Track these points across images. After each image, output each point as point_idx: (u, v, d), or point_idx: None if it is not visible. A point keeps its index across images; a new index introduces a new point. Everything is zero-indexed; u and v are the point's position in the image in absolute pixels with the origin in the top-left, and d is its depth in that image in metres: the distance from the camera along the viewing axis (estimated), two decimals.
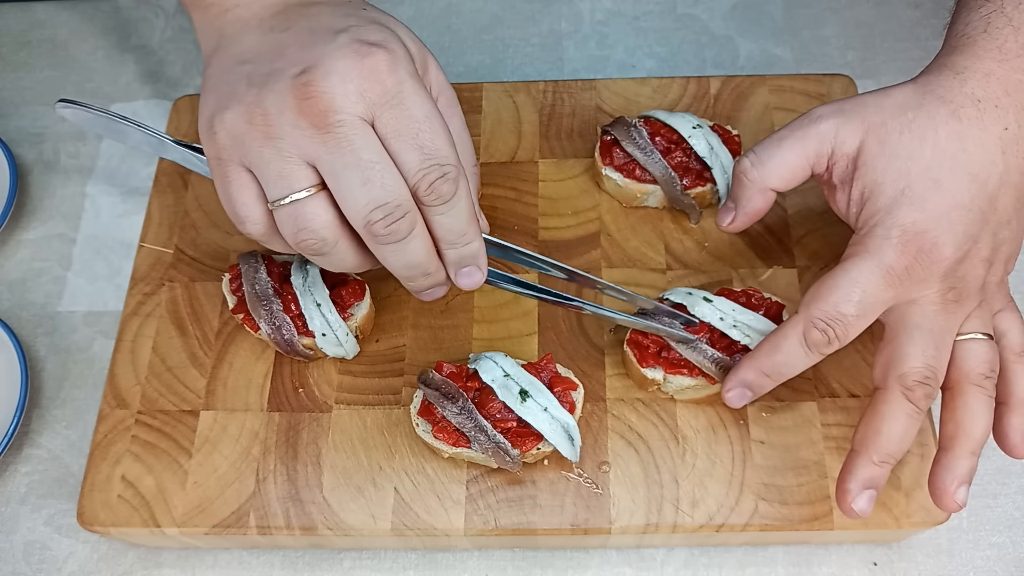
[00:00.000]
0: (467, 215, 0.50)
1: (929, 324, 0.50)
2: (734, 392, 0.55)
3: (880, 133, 0.51)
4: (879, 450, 0.50)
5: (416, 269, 0.51)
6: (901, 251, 0.49)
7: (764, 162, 0.55)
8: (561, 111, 0.73)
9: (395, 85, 0.47)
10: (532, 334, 0.64)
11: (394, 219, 0.47)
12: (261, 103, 0.47)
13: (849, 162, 0.53)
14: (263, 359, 0.64)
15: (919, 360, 0.50)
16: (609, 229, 0.68)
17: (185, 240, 0.69)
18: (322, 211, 0.48)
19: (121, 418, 0.62)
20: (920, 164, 0.50)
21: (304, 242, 0.49)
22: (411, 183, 0.47)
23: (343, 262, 0.51)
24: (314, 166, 0.47)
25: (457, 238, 0.51)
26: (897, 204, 0.50)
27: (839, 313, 0.50)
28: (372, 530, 0.58)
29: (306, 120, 0.46)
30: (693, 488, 0.58)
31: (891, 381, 0.50)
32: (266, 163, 0.47)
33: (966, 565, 0.61)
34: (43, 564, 0.64)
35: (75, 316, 0.73)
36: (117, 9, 0.89)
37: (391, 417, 0.61)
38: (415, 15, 0.88)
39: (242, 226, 0.50)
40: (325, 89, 0.46)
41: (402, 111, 0.47)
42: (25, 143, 0.81)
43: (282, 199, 0.47)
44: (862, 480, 0.51)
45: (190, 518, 0.59)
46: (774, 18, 0.85)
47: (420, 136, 0.47)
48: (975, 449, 0.50)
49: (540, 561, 0.62)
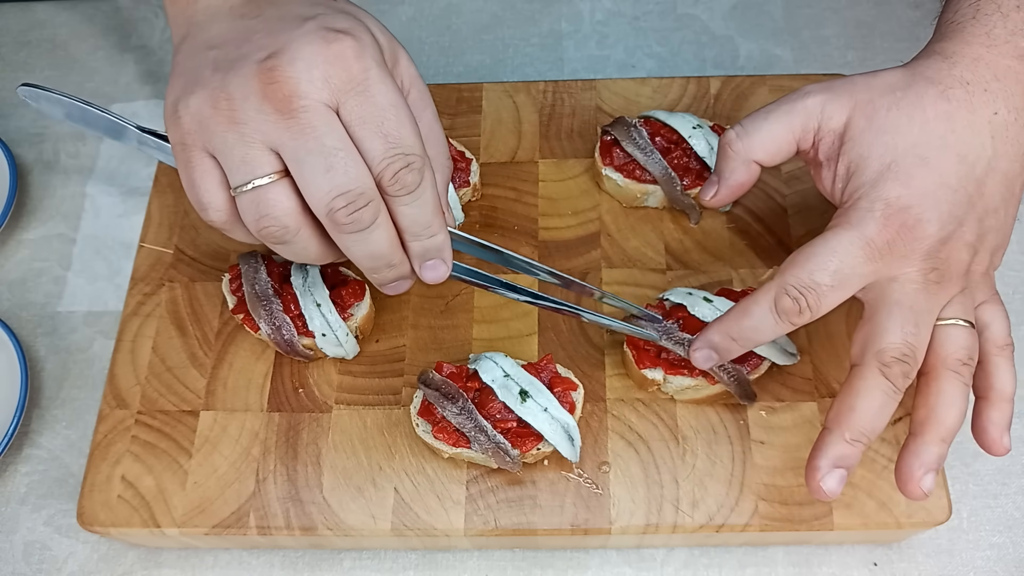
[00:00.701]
0: (432, 207, 0.50)
1: (909, 301, 0.49)
2: (700, 352, 0.55)
3: (867, 110, 0.51)
4: (852, 427, 0.49)
5: (379, 260, 0.50)
6: (884, 225, 0.49)
7: (750, 134, 0.54)
8: (561, 111, 0.73)
9: (360, 72, 0.46)
10: (532, 334, 0.64)
11: (356, 207, 0.47)
12: (226, 88, 0.46)
13: (836, 138, 0.52)
14: (263, 359, 0.64)
15: (897, 336, 0.49)
16: (609, 229, 0.68)
17: (185, 240, 0.69)
18: (284, 198, 0.47)
19: (121, 418, 0.62)
20: (907, 140, 0.50)
21: (265, 229, 0.48)
22: (375, 172, 0.47)
23: (306, 251, 0.50)
24: (277, 152, 0.47)
25: (422, 230, 0.50)
26: (882, 178, 0.50)
27: (813, 281, 0.49)
28: (372, 530, 0.58)
29: (270, 105, 0.45)
30: (693, 488, 0.58)
31: (868, 357, 0.49)
32: (229, 148, 0.47)
33: (966, 565, 0.61)
34: (43, 564, 0.64)
35: (75, 316, 0.73)
36: (117, 9, 0.89)
37: (391, 417, 0.61)
38: (415, 15, 0.88)
39: (204, 213, 0.50)
40: (290, 74, 0.45)
41: (367, 98, 0.46)
42: (25, 143, 0.81)
43: (244, 185, 0.47)
44: (833, 457, 0.49)
45: (190, 518, 0.59)
46: (774, 18, 0.85)
47: (385, 124, 0.47)
48: (946, 437, 0.49)
49: (540, 561, 0.62)
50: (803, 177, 0.69)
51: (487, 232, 0.68)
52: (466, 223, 0.68)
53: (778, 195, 0.68)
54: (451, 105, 0.73)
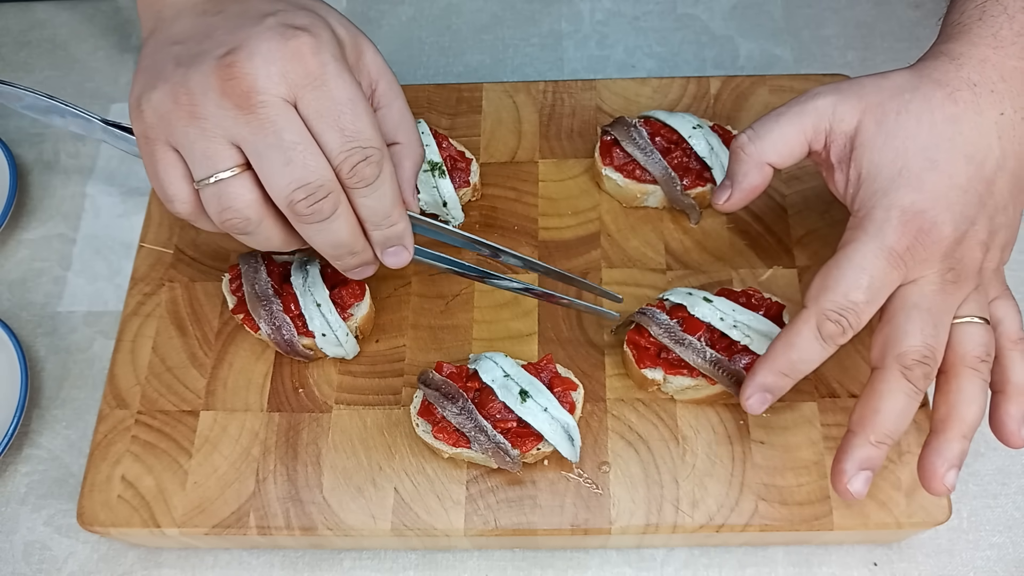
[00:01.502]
0: (391, 197, 0.51)
1: (927, 304, 0.50)
2: (755, 398, 0.53)
3: (877, 113, 0.51)
4: (876, 430, 0.50)
5: (341, 248, 0.52)
6: (902, 231, 0.49)
7: (762, 136, 0.55)
8: (561, 111, 0.73)
9: (317, 68, 0.47)
10: (532, 334, 0.64)
11: (316, 199, 0.48)
12: (186, 83, 0.47)
13: (847, 141, 0.53)
14: (263, 359, 0.64)
15: (918, 339, 0.49)
16: (609, 229, 0.68)
17: (185, 240, 0.69)
18: (246, 191, 0.48)
19: (121, 418, 0.62)
20: (917, 145, 0.50)
21: (228, 221, 0.49)
22: (334, 165, 0.48)
23: (269, 241, 0.51)
24: (238, 146, 0.48)
25: (382, 219, 0.51)
26: (895, 185, 0.50)
27: (850, 302, 0.50)
28: (372, 530, 0.58)
29: (229, 100, 0.46)
30: (693, 488, 0.58)
31: (889, 360, 0.50)
32: (191, 143, 0.48)
33: (966, 565, 0.61)
34: (43, 564, 0.64)
35: (75, 316, 0.73)
36: (117, 9, 0.89)
37: (391, 417, 0.61)
38: (415, 15, 0.88)
39: (170, 205, 0.51)
40: (248, 70, 0.46)
41: (324, 93, 0.47)
42: (25, 143, 0.81)
43: (207, 179, 0.48)
44: (859, 460, 0.50)
45: (190, 518, 0.59)
46: (774, 18, 0.85)
47: (342, 118, 0.47)
48: (967, 433, 0.50)
49: (540, 561, 0.62)
50: (803, 177, 0.69)
51: (487, 232, 0.68)
52: (466, 223, 0.68)
53: (778, 195, 0.68)
54: (451, 105, 0.73)
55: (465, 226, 0.68)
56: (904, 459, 0.58)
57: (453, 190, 0.66)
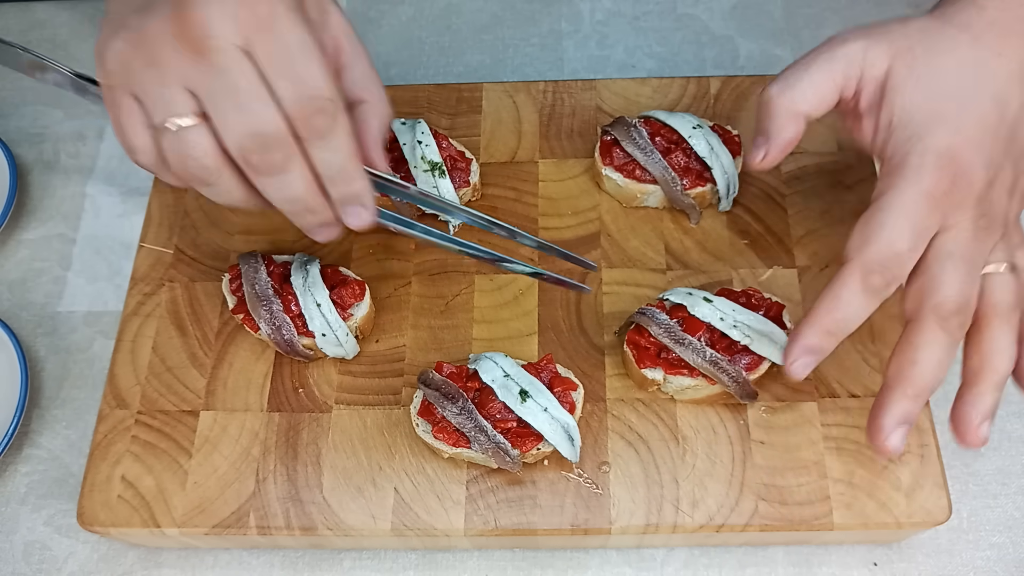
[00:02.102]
0: (346, 152, 0.50)
1: (961, 251, 0.49)
2: (800, 361, 0.52)
3: (907, 58, 0.51)
4: (915, 383, 0.49)
5: (297, 204, 0.51)
6: (939, 175, 0.48)
7: (792, 86, 0.53)
8: (561, 111, 0.73)
9: (268, 11, 0.47)
10: (532, 334, 0.64)
11: (268, 149, 0.47)
12: (144, 29, 0.47)
13: (877, 87, 0.52)
14: (263, 359, 0.64)
15: (954, 288, 0.48)
16: (609, 229, 0.68)
17: (185, 240, 0.69)
18: (203, 139, 0.48)
19: (121, 418, 0.62)
20: (948, 88, 0.50)
21: (187, 171, 0.49)
22: (288, 115, 0.47)
23: (230, 194, 0.51)
24: (195, 93, 0.47)
25: (336, 174, 0.50)
26: (928, 130, 0.49)
27: (894, 252, 0.49)
28: (372, 530, 0.58)
29: (184, 45, 0.46)
30: (693, 488, 0.58)
31: (925, 311, 0.49)
32: (148, 87, 0.48)
33: (966, 565, 0.61)
34: (43, 564, 0.64)
35: (75, 316, 0.73)
36: None
37: (391, 417, 0.61)
38: (415, 15, 0.88)
39: (133, 155, 0.50)
40: (202, 14, 0.46)
41: (275, 38, 0.47)
42: (25, 143, 0.81)
43: (164, 124, 0.48)
44: (897, 415, 0.49)
45: (190, 518, 0.59)
46: (774, 18, 0.85)
47: (294, 66, 0.47)
48: (999, 383, 0.49)
49: (540, 561, 0.62)
50: (803, 177, 0.69)
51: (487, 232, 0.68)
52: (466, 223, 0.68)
53: (778, 195, 0.68)
54: (451, 105, 0.73)
55: (465, 226, 0.68)
56: (904, 459, 0.58)
57: (453, 190, 0.66)
